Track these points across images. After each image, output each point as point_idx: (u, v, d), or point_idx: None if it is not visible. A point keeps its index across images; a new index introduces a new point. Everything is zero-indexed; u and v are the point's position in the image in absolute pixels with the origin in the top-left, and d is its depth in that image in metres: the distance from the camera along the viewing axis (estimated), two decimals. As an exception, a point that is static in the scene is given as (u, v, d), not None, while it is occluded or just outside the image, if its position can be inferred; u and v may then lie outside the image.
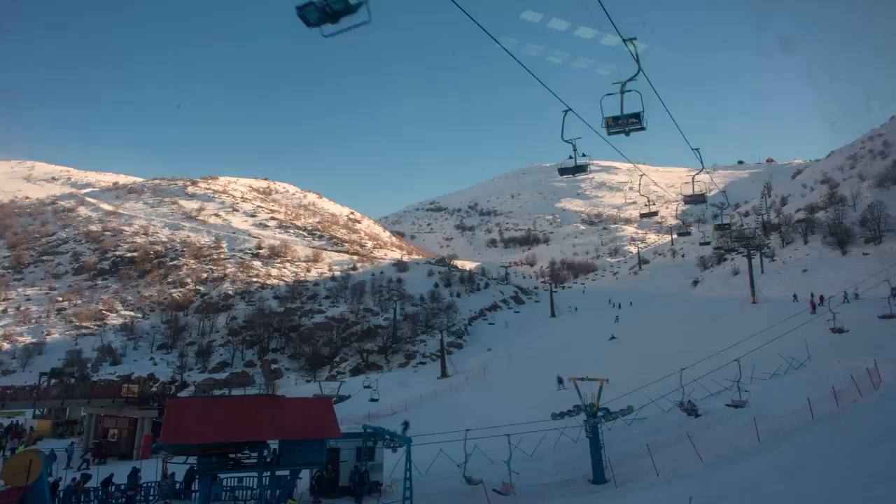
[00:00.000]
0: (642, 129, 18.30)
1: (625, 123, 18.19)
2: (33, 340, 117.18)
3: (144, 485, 35.92)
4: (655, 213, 39.01)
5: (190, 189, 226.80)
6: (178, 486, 35.97)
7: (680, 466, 30.85)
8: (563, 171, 21.54)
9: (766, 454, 27.65)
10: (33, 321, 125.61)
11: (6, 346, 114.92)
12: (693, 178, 31.56)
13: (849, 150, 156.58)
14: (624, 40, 15.61)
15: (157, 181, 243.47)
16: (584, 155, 20.15)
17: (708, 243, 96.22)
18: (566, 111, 18.18)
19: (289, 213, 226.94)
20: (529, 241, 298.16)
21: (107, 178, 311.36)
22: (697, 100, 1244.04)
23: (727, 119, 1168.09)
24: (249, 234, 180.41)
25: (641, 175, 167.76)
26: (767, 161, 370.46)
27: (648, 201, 37.91)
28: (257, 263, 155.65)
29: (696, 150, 26.15)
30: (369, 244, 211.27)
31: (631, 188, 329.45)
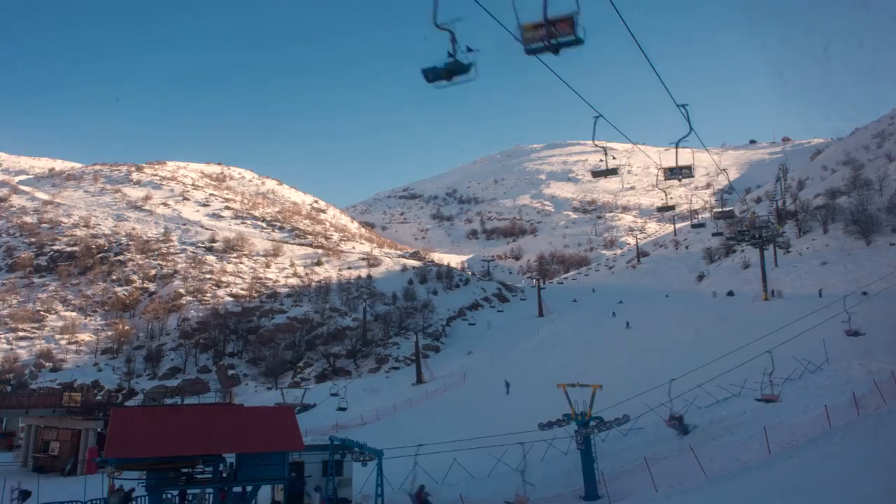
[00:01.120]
0: (578, 41, 13.31)
1: (551, 33, 13.32)
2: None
3: (88, 503, 35.58)
4: (672, 208, 38.89)
5: (135, 175, 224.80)
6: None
7: (681, 481, 30.80)
8: (596, 173, 25.77)
9: (777, 468, 27.71)
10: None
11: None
12: (677, 145, 26.62)
13: (875, 126, 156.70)
14: None
15: (97, 167, 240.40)
16: (614, 158, 21.21)
17: (721, 234, 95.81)
18: (597, 117, 19.00)
19: (245, 201, 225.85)
20: (514, 231, 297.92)
21: (42, 164, 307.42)
22: (705, 72, 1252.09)
23: (739, 94, 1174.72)
24: (202, 226, 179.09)
25: (660, 169, 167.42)
26: (783, 140, 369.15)
27: (666, 195, 37.02)
28: (211, 258, 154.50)
29: (683, 106, 22.07)
30: (335, 236, 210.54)
31: (629, 171, 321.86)
